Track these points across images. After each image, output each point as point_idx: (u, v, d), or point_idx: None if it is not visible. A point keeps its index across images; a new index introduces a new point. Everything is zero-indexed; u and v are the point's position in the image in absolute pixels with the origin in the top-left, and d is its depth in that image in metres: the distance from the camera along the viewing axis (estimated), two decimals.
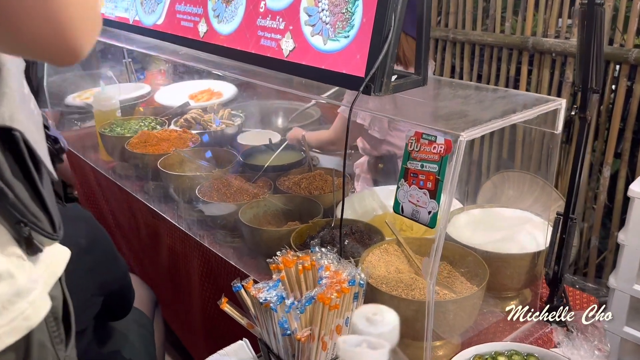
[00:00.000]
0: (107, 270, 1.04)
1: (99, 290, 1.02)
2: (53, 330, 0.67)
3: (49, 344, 0.66)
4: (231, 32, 1.37)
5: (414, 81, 1.07)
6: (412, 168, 0.88)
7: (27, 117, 0.60)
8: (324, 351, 0.90)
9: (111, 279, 1.05)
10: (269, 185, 1.52)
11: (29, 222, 0.59)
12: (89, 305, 1.00)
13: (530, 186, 1.76)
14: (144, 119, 2.05)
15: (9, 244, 0.59)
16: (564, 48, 2.11)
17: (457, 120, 0.88)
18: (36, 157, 0.60)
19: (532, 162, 2.37)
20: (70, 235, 0.96)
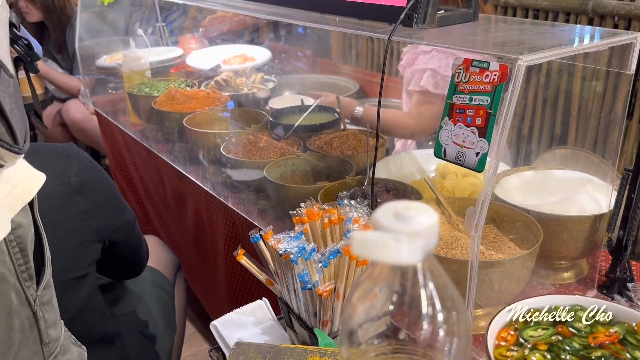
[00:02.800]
0: (107, 215, 0.95)
1: (95, 237, 0.94)
2: (19, 263, 0.58)
3: (12, 278, 0.57)
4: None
5: (463, 14, 0.94)
6: (459, 103, 0.76)
7: None
8: None
9: (110, 226, 0.97)
10: (299, 144, 1.42)
11: None
12: (85, 250, 0.92)
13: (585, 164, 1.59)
14: (174, 80, 1.98)
15: None
16: (628, 10, 1.91)
17: (514, 46, 0.75)
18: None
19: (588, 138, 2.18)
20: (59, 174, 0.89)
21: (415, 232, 0.27)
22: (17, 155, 0.55)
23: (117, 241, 1.01)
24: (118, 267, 1.12)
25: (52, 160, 0.88)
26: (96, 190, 0.93)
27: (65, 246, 0.88)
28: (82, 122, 2.79)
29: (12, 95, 0.54)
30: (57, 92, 2.88)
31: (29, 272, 0.59)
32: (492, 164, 0.73)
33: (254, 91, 1.98)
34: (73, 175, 0.89)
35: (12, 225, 0.55)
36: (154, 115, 1.73)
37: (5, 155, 0.53)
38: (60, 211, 0.87)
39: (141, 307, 1.26)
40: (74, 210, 0.89)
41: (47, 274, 0.62)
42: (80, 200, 0.89)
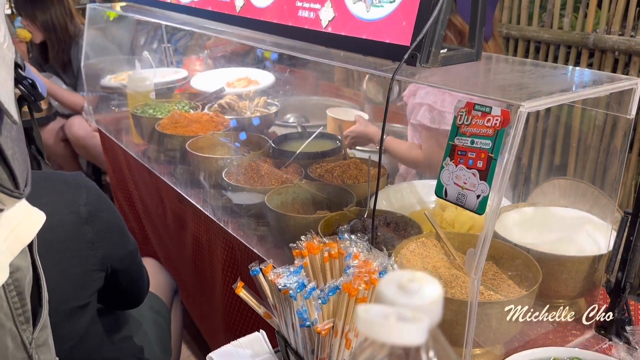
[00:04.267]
0: (111, 244, 0.96)
1: (100, 265, 0.94)
2: (16, 307, 0.57)
3: (8, 322, 0.56)
4: (268, 4, 1.29)
5: (466, 54, 0.96)
6: (461, 145, 0.77)
7: None
8: (347, 349, 0.79)
9: (114, 255, 0.97)
10: (300, 172, 1.43)
11: None
12: (90, 279, 0.92)
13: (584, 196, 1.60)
14: (178, 102, 2.00)
15: None
16: (628, 46, 1.94)
17: (516, 91, 0.76)
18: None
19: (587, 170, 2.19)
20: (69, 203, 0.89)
21: (420, 307, 0.27)
22: (17, 200, 0.54)
23: (119, 270, 1.01)
24: (118, 297, 1.12)
25: (62, 189, 0.89)
26: (103, 219, 0.93)
27: (72, 274, 0.89)
28: (85, 139, 2.81)
29: (15, 139, 0.54)
30: (61, 108, 2.90)
31: (26, 316, 0.58)
32: (493, 208, 0.73)
33: (257, 115, 2.00)
34: (82, 205, 0.90)
35: (10, 269, 0.55)
36: (157, 137, 1.74)
37: (5, 200, 0.53)
38: (68, 239, 0.88)
39: (138, 333, 1.26)
40: (81, 239, 0.90)
41: (44, 315, 0.62)
42: (88, 229, 0.90)
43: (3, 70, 0.52)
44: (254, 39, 1.33)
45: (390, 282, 0.29)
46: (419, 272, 0.30)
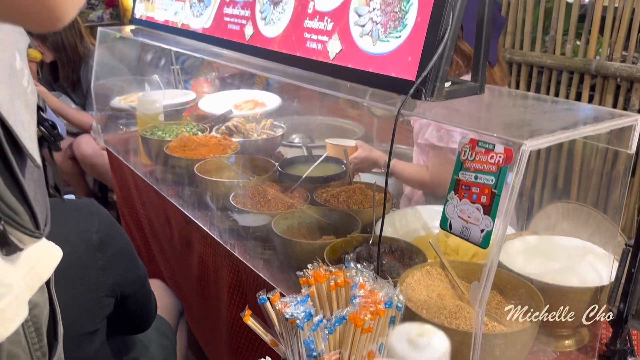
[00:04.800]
0: (121, 271, 0.98)
1: (110, 291, 0.96)
2: (33, 342, 0.58)
3: (26, 357, 0.57)
4: (277, 34, 1.32)
5: (470, 88, 0.98)
6: (465, 180, 0.79)
7: (13, 95, 0.53)
8: None
9: (125, 281, 0.99)
10: (306, 196, 1.45)
11: (3, 214, 0.51)
12: (100, 305, 0.94)
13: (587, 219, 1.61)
14: (186, 124, 2.03)
15: None
16: (630, 73, 1.96)
17: (519, 128, 0.78)
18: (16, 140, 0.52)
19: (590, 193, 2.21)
20: (81, 231, 0.92)
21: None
22: (37, 240, 0.56)
23: (129, 295, 1.03)
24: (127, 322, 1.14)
25: (75, 216, 0.92)
26: (114, 246, 0.96)
27: (83, 301, 0.91)
28: (92, 157, 2.84)
29: (37, 181, 0.56)
30: (69, 127, 2.94)
31: (42, 350, 0.60)
32: (496, 242, 0.75)
33: (263, 137, 2.03)
34: (94, 232, 0.92)
35: (29, 305, 0.56)
36: (165, 159, 1.77)
37: (26, 240, 0.55)
38: (80, 266, 0.90)
39: (145, 355, 1.27)
40: (93, 266, 0.92)
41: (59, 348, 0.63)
42: (99, 256, 0.92)
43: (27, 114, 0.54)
44: (262, 67, 1.36)
45: (400, 337, 0.31)
46: (427, 326, 0.32)
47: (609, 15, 2.02)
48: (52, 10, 0.41)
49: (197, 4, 1.74)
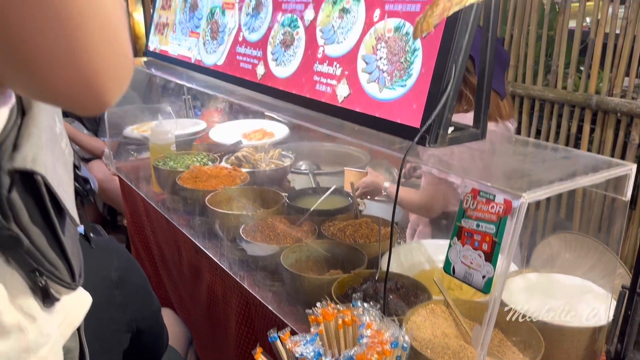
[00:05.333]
0: (138, 306, 1.02)
1: (127, 327, 1.00)
2: None
3: None
4: (288, 75, 1.38)
5: (472, 134, 1.03)
6: (467, 227, 0.83)
7: (54, 157, 0.57)
8: None
9: (141, 316, 1.04)
10: (314, 229, 1.49)
11: (45, 270, 0.56)
12: (117, 341, 0.98)
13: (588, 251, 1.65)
14: (197, 155, 2.09)
15: (21, 294, 0.55)
16: (630, 108, 2.01)
17: (518, 179, 0.83)
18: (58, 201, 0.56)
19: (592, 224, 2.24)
20: (101, 268, 0.97)
21: None
22: (73, 291, 0.61)
23: (143, 329, 1.07)
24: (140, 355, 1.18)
25: (95, 254, 0.96)
26: (132, 283, 1.00)
27: (101, 337, 0.95)
28: (104, 182, 2.91)
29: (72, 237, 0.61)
30: (81, 152, 3.01)
31: None
32: (497, 289, 0.79)
33: (272, 167, 2.08)
34: (113, 270, 0.97)
35: (63, 351, 0.61)
36: (177, 189, 1.82)
37: (63, 291, 0.59)
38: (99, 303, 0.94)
39: None
40: (111, 303, 0.96)
41: None
42: (118, 293, 0.97)
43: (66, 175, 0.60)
44: (273, 106, 1.42)
45: None
46: None
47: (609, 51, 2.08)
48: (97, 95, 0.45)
49: (210, 41, 1.81)
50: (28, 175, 0.52)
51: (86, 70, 0.44)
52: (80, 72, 0.43)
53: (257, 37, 1.55)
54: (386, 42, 1.09)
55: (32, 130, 0.54)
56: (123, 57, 0.47)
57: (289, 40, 1.40)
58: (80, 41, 0.42)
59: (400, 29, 1.06)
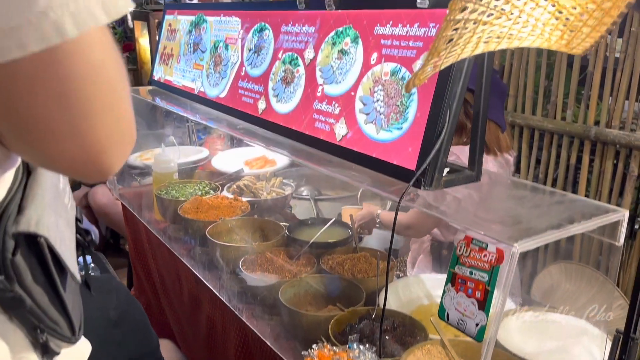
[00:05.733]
0: (137, 344, 1.04)
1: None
2: None
3: None
4: (288, 112, 1.41)
5: (467, 177, 1.05)
6: (461, 274, 0.84)
7: (57, 215, 0.59)
8: None
9: (140, 353, 1.05)
10: (312, 263, 1.50)
11: (46, 327, 0.57)
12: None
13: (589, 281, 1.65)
14: (199, 183, 2.11)
15: (23, 350, 0.57)
16: (629, 141, 2.03)
17: (511, 227, 0.84)
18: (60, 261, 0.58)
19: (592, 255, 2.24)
20: (100, 307, 0.98)
21: None
22: (72, 345, 0.62)
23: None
24: None
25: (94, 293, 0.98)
26: (131, 322, 1.01)
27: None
28: (107, 207, 2.93)
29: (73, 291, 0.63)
30: None
31: None
32: (491, 335, 0.80)
33: (273, 195, 2.10)
34: (112, 309, 0.98)
35: None
36: (179, 219, 1.84)
37: (63, 345, 0.61)
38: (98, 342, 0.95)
39: None
40: (110, 341, 0.97)
41: None
42: (116, 332, 0.98)
43: (68, 231, 0.62)
44: (273, 142, 1.45)
45: None
46: None
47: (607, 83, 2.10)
48: (102, 168, 0.47)
49: (213, 73, 1.84)
50: (32, 236, 0.54)
51: (91, 148, 0.45)
52: (85, 150, 0.45)
53: (259, 73, 1.58)
54: (383, 85, 1.11)
55: (36, 192, 0.56)
56: (127, 128, 0.49)
57: (289, 77, 1.43)
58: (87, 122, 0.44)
59: (396, 73, 1.09)
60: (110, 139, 0.47)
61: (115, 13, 0.43)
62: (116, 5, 0.42)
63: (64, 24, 0.39)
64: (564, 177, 2.30)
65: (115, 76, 0.46)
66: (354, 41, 1.22)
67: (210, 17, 1.96)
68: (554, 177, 2.36)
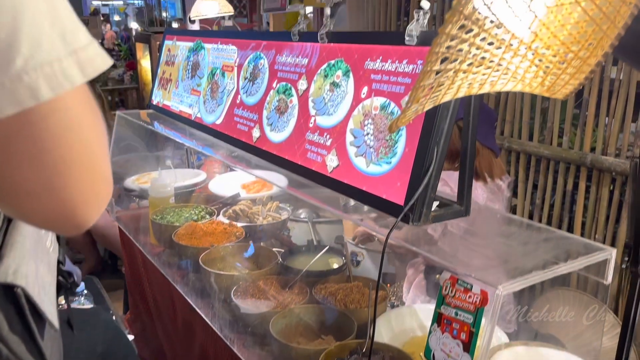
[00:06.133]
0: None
1: None
2: None
3: None
4: (281, 141, 1.42)
5: (456, 212, 1.05)
6: (446, 314, 0.84)
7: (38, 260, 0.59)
8: None
9: None
10: (305, 292, 1.50)
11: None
12: None
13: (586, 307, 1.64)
14: (195, 207, 2.11)
15: None
16: (624, 168, 2.03)
17: (496, 267, 0.84)
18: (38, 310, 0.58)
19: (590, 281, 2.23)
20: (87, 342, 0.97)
21: None
22: None
23: None
24: None
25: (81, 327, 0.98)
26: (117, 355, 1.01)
27: None
28: (105, 229, 2.93)
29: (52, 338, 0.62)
30: None
31: None
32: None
33: (269, 220, 2.10)
34: (100, 343, 0.98)
35: None
36: (173, 245, 1.84)
37: None
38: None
39: None
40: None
41: None
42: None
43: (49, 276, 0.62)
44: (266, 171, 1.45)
45: None
46: None
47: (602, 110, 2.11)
48: (76, 223, 0.47)
49: (210, 100, 1.86)
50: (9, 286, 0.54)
51: (65, 206, 0.45)
52: (59, 207, 0.45)
53: (254, 101, 1.59)
54: (373, 118, 1.12)
55: (15, 239, 0.56)
56: (103, 185, 0.49)
57: (283, 107, 1.44)
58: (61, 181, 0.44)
59: (385, 107, 1.09)
60: (84, 196, 0.47)
61: (93, 71, 0.43)
62: (93, 65, 0.43)
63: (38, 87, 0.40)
64: (560, 203, 2.29)
65: (91, 135, 0.46)
66: (345, 74, 1.23)
67: (208, 44, 1.99)
68: (551, 203, 2.35)
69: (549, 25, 0.62)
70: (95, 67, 0.44)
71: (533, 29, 0.62)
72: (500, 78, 0.67)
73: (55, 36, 0.40)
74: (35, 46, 0.39)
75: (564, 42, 0.63)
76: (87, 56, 0.42)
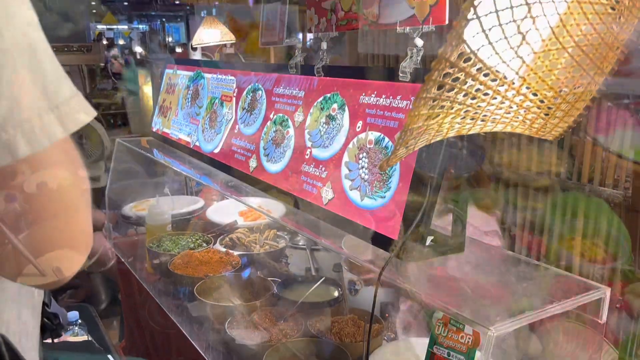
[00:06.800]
0: None
1: None
2: None
3: None
4: (277, 171, 1.42)
5: (450, 248, 1.04)
6: (439, 354, 0.83)
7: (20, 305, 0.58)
8: None
9: None
10: (300, 324, 1.48)
11: None
12: None
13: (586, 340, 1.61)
14: (192, 235, 2.11)
15: None
16: (621, 200, 2.02)
17: (489, 307, 0.83)
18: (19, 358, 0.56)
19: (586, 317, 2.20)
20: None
21: None
22: None
23: None
24: None
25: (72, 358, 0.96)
26: None
27: None
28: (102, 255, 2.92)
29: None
30: None
31: None
32: None
33: (266, 248, 2.09)
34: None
35: None
36: (169, 274, 1.83)
37: None
38: None
39: None
40: None
41: None
42: None
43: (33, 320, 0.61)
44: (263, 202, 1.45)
45: None
46: None
47: None
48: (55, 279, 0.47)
49: (208, 129, 1.87)
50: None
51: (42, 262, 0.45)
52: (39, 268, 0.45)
53: (251, 132, 1.60)
54: (367, 152, 1.13)
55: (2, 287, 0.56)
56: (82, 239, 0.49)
57: (279, 138, 1.45)
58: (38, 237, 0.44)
59: (380, 142, 1.10)
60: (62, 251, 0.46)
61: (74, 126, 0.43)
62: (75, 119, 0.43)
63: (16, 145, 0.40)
64: None
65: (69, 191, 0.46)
66: (340, 108, 1.24)
67: (208, 74, 2.01)
68: None
69: (537, 70, 0.63)
70: (77, 122, 0.44)
71: (521, 73, 0.62)
72: (488, 121, 0.68)
73: (36, 92, 0.41)
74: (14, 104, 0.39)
75: (552, 87, 0.64)
76: (70, 110, 0.43)
